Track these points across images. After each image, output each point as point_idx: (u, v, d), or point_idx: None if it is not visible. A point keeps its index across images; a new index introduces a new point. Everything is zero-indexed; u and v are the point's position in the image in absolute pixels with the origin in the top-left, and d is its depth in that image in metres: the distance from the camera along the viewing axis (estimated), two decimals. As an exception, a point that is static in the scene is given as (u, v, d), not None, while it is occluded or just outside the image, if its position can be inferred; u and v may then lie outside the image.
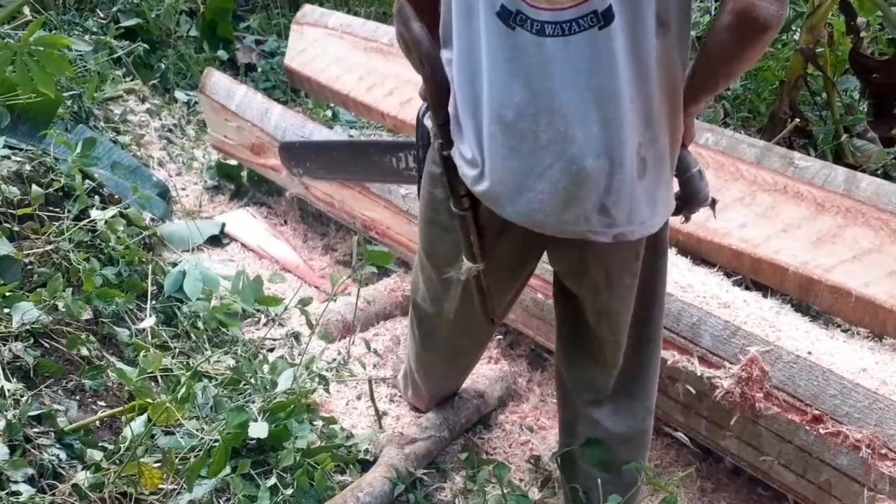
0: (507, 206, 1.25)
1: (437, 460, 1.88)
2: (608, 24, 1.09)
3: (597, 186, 1.18)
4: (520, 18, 1.12)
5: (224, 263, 2.59)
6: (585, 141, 1.15)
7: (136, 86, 3.59)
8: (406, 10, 1.24)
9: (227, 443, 1.49)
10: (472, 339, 1.72)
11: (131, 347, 1.89)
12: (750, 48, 1.14)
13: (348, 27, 3.28)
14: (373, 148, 2.17)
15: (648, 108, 1.17)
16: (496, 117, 1.18)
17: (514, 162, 1.20)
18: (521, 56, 1.13)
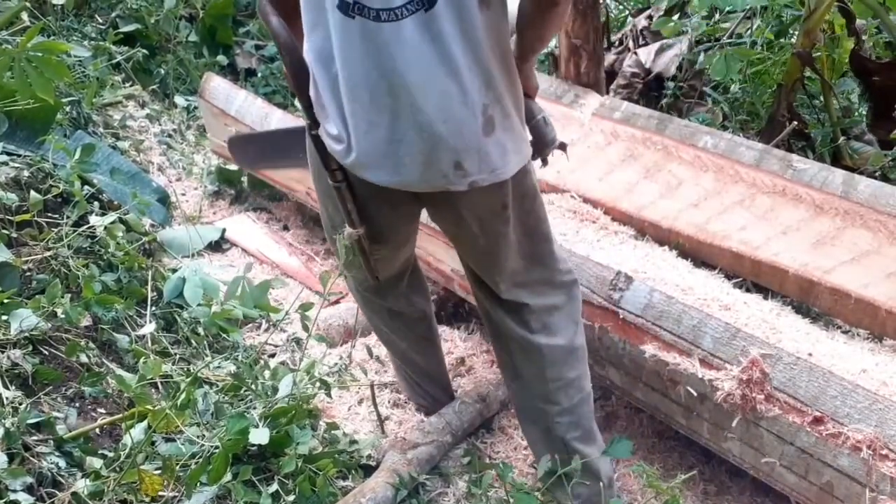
0: (374, 173, 1.41)
1: (439, 465, 1.87)
2: (432, 6, 1.26)
3: (448, 146, 1.35)
4: (357, 8, 1.27)
5: (225, 269, 2.58)
6: (432, 110, 1.32)
7: (136, 91, 3.59)
8: (265, 6, 1.39)
9: (228, 449, 1.48)
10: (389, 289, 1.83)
11: (131, 354, 1.88)
12: (548, 20, 1.37)
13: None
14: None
15: (486, 74, 1.34)
16: (353, 97, 1.34)
17: (375, 134, 1.36)
18: (365, 41, 1.29)
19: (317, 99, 1.42)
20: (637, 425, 2.00)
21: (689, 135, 2.37)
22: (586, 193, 2.49)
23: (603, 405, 2.09)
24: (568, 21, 2.59)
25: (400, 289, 1.83)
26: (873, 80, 2.82)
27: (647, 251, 2.23)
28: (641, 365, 1.79)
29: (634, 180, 2.42)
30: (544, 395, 1.65)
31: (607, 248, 2.25)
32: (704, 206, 2.27)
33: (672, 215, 2.29)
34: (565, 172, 2.57)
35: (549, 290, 1.64)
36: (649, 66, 2.94)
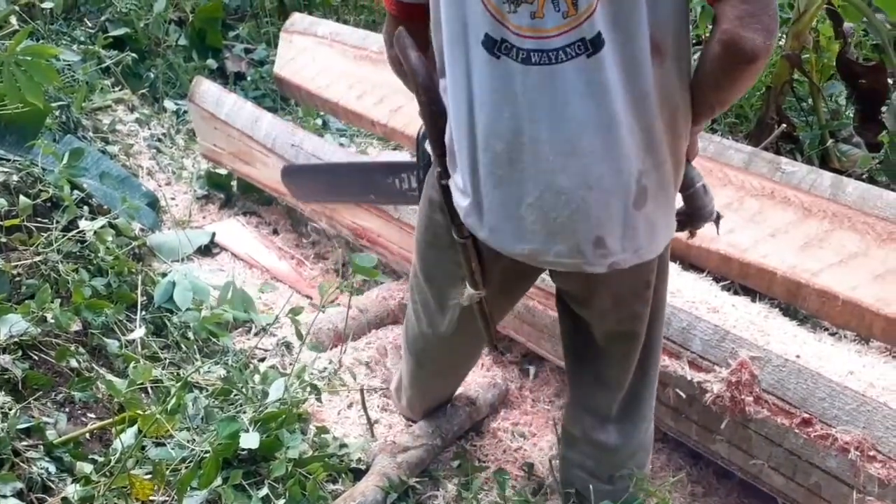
0: (497, 237, 1.24)
1: (429, 468, 1.88)
2: (597, 51, 1.08)
3: (589, 218, 1.17)
4: (505, 47, 1.11)
5: (214, 273, 2.58)
6: (576, 172, 1.14)
7: (125, 95, 3.58)
8: (405, 39, 1.23)
9: (218, 453, 1.48)
10: (467, 359, 1.75)
11: (121, 359, 1.87)
12: (738, 79, 1.12)
13: (338, 35, 3.29)
14: (375, 170, 2.15)
15: (648, 136, 1.15)
16: (486, 146, 1.18)
17: (503, 193, 1.19)
18: (508, 85, 1.12)
19: (449, 146, 1.26)
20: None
21: (677, 138, 2.39)
22: (576, 196, 2.50)
23: (593, 407, 2.10)
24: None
25: (478, 353, 1.75)
26: (860, 83, 2.84)
27: (637, 254, 2.24)
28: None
29: (624, 183, 2.44)
30: (597, 474, 1.59)
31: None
32: (693, 209, 2.28)
33: (661, 218, 2.31)
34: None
35: (644, 382, 1.51)
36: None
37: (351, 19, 4.67)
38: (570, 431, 1.64)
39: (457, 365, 1.75)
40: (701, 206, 1.33)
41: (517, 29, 1.09)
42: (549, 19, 1.07)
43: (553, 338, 1.99)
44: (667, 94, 1.14)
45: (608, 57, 1.08)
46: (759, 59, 1.07)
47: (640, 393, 1.53)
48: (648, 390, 1.54)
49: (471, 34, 1.13)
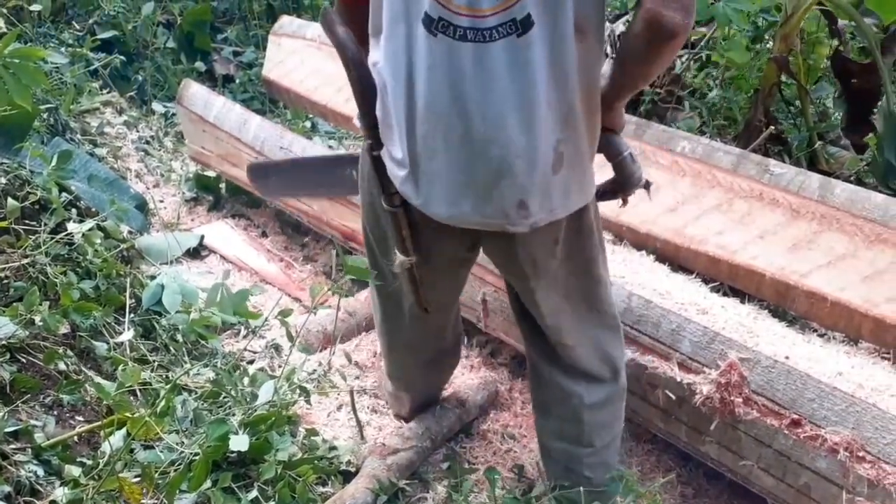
0: (431, 205, 1.32)
1: (419, 470, 1.88)
2: (526, 31, 1.16)
3: (515, 184, 1.26)
4: (442, 25, 1.18)
5: (203, 276, 2.56)
6: (506, 143, 1.22)
7: (113, 98, 3.57)
8: (330, 15, 1.31)
9: (208, 456, 1.47)
10: (433, 334, 1.74)
11: (110, 361, 1.86)
12: (660, 53, 1.22)
13: (326, 38, 3.28)
14: (344, 162, 2.11)
15: (567, 109, 1.24)
16: (423, 119, 1.25)
17: (438, 162, 1.27)
18: (445, 62, 1.20)
19: (383, 119, 1.32)
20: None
21: (666, 140, 2.40)
22: (566, 199, 2.51)
23: (583, 408, 2.10)
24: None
25: (439, 329, 1.74)
26: (852, 83, 2.85)
27: (625, 255, 2.25)
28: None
29: (613, 185, 2.45)
30: (576, 438, 1.61)
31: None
32: (682, 211, 2.29)
33: (650, 220, 2.31)
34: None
35: (594, 333, 1.56)
36: (627, 73, 2.96)
37: (341, 22, 4.66)
38: (540, 398, 1.69)
39: (426, 340, 1.74)
40: (629, 173, 1.41)
41: (456, 8, 1.16)
42: (485, 0, 1.15)
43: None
44: (586, 71, 1.22)
45: (536, 37, 1.16)
46: (678, 35, 1.17)
47: (597, 349, 1.57)
48: (604, 347, 1.58)
49: (411, 12, 1.20)
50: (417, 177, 1.31)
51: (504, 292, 2.01)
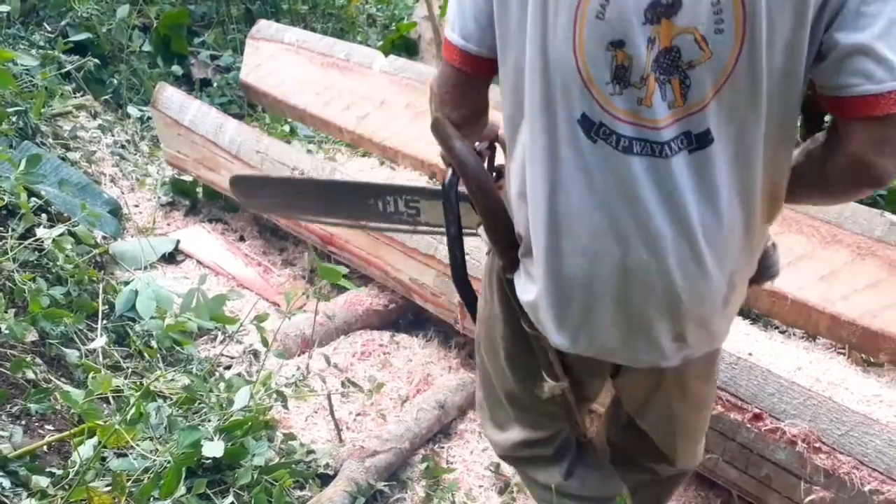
0: (564, 334, 1.11)
1: (398, 472, 1.88)
2: (703, 147, 0.96)
3: (677, 319, 1.06)
4: (603, 131, 0.97)
5: (179, 281, 2.54)
6: (672, 274, 1.02)
7: (87, 102, 3.52)
8: (446, 127, 1.10)
9: (179, 463, 1.46)
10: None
11: (81, 369, 1.84)
12: (855, 195, 1.03)
13: (304, 42, 3.28)
14: (356, 189, 1.95)
15: (748, 233, 1.03)
16: (568, 241, 1.04)
17: (585, 292, 1.07)
18: (601, 173, 0.99)
19: (522, 224, 1.12)
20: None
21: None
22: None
23: (560, 409, 2.12)
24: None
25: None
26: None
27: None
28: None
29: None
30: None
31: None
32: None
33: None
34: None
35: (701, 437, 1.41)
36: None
37: (318, 27, 4.66)
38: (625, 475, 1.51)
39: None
40: (771, 263, 1.20)
41: (617, 112, 0.96)
42: (657, 109, 0.94)
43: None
44: (770, 188, 1.02)
45: (718, 151, 0.96)
46: (885, 184, 0.96)
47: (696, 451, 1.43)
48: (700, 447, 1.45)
49: (561, 110, 0.98)
50: (558, 307, 1.10)
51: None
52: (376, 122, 2.99)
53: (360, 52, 3.15)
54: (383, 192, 1.79)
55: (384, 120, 2.97)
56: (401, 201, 1.76)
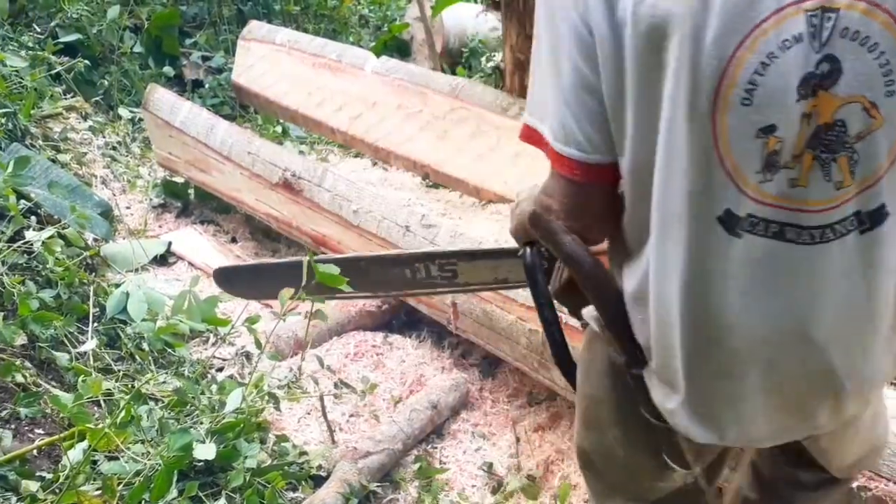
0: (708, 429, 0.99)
1: (391, 472, 1.88)
2: (875, 226, 0.86)
3: (838, 402, 0.98)
4: (749, 223, 0.87)
5: (170, 283, 2.53)
6: (833, 363, 0.93)
7: (77, 103, 3.51)
8: (551, 224, 1.00)
9: (170, 466, 1.45)
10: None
11: (72, 372, 1.83)
12: None
13: (296, 43, 3.28)
14: (380, 262, 1.86)
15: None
16: (711, 339, 0.94)
17: (729, 387, 0.97)
18: (749, 269, 0.90)
19: (640, 333, 1.01)
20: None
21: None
22: (534, 202, 2.54)
23: (548, 406, 2.12)
24: (512, 36, 2.64)
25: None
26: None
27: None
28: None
29: (580, 188, 2.48)
30: None
31: (554, 254, 2.30)
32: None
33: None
34: (512, 183, 2.61)
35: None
36: (593, 78, 3.01)
37: (310, 27, 4.65)
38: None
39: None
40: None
41: (766, 198, 0.85)
42: (815, 189, 0.84)
43: (510, 340, 2.01)
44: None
45: (890, 229, 0.87)
46: None
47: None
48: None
49: (699, 207, 0.88)
50: (696, 404, 0.99)
51: (474, 296, 2.03)
52: (368, 123, 2.99)
53: (351, 53, 3.15)
54: (408, 260, 1.67)
55: (376, 120, 2.97)
56: (433, 266, 1.65)
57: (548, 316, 1.14)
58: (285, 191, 2.53)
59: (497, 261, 1.50)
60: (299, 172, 2.50)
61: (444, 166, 2.78)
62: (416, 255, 1.65)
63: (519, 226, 1.13)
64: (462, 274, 1.55)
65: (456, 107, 2.81)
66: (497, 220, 2.52)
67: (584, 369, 1.18)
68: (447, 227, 2.19)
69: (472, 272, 1.53)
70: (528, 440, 1.99)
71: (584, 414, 1.20)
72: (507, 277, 1.51)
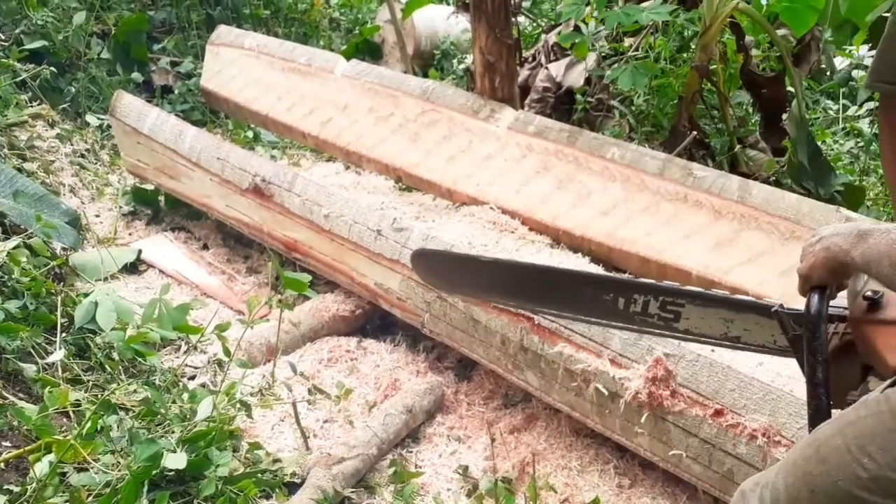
0: None
1: (366, 478, 1.89)
2: None
3: None
4: None
5: (141, 291, 2.52)
6: None
7: (44, 110, 3.46)
8: None
9: (137, 477, 1.45)
10: None
11: (40, 383, 1.81)
12: None
13: (265, 47, 3.27)
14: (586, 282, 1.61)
15: None
16: None
17: None
18: None
19: None
20: (556, 425, 2.07)
21: (597, 146, 2.48)
22: (505, 205, 2.57)
23: (524, 407, 2.15)
24: (481, 38, 2.67)
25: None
26: (762, 93, 3.02)
27: (563, 258, 2.32)
28: (556, 367, 1.86)
29: (549, 191, 2.52)
30: None
31: (526, 256, 2.33)
32: (613, 214, 2.37)
33: (584, 223, 2.39)
34: (484, 185, 2.64)
35: None
36: (560, 81, 3.06)
37: (280, 31, 4.64)
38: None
39: None
40: None
41: None
42: None
43: (484, 342, 2.03)
44: None
45: None
46: None
47: None
48: None
49: None
50: None
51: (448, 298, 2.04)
52: (339, 127, 3.00)
53: (321, 57, 3.16)
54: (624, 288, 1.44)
55: (347, 124, 2.98)
56: (654, 302, 1.43)
57: (820, 376, 1.02)
58: (256, 196, 2.54)
59: (736, 313, 1.27)
60: (269, 177, 2.50)
61: (415, 169, 2.80)
62: (639, 285, 1.44)
63: (817, 264, 1.01)
64: (686, 319, 1.35)
65: (427, 109, 2.84)
66: (470, 223, 2.55)
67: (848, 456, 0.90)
68: (419, 230, 2.21)
69: (699, 319, 1.33)
70: (504, 442, 2.02)
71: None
72: (739, 336, 1.28)
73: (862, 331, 1.01)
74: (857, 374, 0.99)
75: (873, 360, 0.99)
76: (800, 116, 2.78)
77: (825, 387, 1.02)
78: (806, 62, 3.11)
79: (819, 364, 1.02)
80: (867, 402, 0.92)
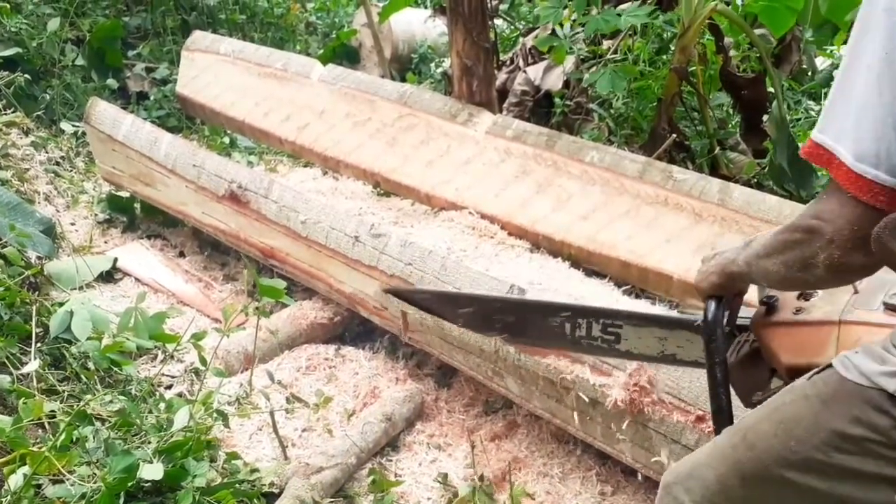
0: None
1: (344, 487, 1.87)
2: None
3: None
4: None
5: (117, 300, 2.48)
6: None
7: (18, 118, 3.41)
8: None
9: (112, 489, 1.42)
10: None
11: (14, 394, 1.77)
12: None
13: (241, 53, 3.25)
14: (532, 308, 1.71)
15: None
16: None
17: None
18: None
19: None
20: (537, 432, 2.06)
21: (576, 150, 2.49)
22: (483, 210, 2.57)
23: (504, 414, 2.14)
24: (458, 41, 2.67)
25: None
26: (742, 94, 3.05)
27: (542, 263, 2.32)
28: (537, 373, 1.85)
29: (528, 195, 2.52)
30: None
31: (505, 261, 2.33)
32: (593, 218, 2.38)
33: (564, 228, 2.39)
34: (463, 190, 2.64)
35: None
36: (538, 84, 3.06)
37: (257, 36, 4.62)
38: None
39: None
40: None
41: None
42: None
43: (463, 349, 2.02)
44: None
45: None
46: None
47: None
48: None
49: None
50: None
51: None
52: (317, 132, 2.98)
53: (297, 62, 3.14)
54: (576, 313, 1.49)
55: (325, 129, 2.97)
56: (596, 325, 1.49)
57: (719, 377, 1.07)
58: (232, 203, 2.51)
59: (668, 331, 1.33)
60: (245, 184, 2.48)
61: (394, 174, 2.79)
62: (580, 309, 1.49)
63: (715, 274, 1.06)
64: (626, 339, 1.41)
65: (405, 114, 2.83)
66: (449, 228, 2.54)
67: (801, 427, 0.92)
68: (397, 236, 2.20)
69: (637, 340, 1.38)
70: (485, 449, 2.00)
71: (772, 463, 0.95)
72: (675, 353, 1.34)
73: (761, 334, 1.07)
74: (766, 378, 1.04)
75: (773, 361, 1.03)
76: (780, 118, 2.81)
77: (725, 387, 1.07)
78: (787, 63, 3.14)
79: (717, 366, 1.08)
80: (793, 388, 0.95)
